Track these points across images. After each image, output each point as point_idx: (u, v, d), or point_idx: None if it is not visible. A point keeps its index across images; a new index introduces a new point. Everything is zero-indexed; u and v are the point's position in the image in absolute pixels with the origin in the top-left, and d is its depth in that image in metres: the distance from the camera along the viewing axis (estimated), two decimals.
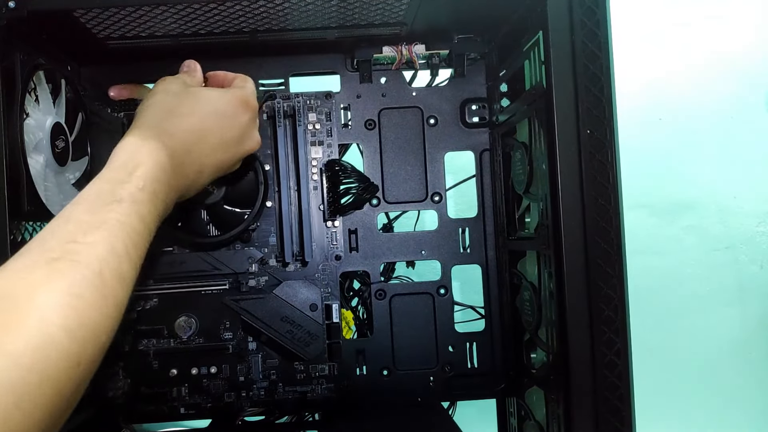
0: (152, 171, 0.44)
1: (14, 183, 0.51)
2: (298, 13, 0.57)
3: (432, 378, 0.69)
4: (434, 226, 0.70)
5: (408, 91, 0.69)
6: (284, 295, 0.67)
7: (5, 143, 0.50)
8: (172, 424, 0.71)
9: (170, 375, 0.67)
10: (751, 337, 1.00)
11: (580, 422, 0.50)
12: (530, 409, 0.64)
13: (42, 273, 0.34)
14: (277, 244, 0.68)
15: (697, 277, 1.00)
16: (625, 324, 0.50)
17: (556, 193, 0.51)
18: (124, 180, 0.42)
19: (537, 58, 0.54)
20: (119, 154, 0.45)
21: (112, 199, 0.40)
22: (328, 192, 0.68)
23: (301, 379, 0.68)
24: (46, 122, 0.56)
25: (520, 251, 0.65)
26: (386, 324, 0.69)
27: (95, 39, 0.59)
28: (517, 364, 0.67)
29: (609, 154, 0.50)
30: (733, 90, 1.00)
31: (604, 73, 0.50)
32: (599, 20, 0.50)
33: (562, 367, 0.52)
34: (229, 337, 0.67)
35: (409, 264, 0.71)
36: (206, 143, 0.51)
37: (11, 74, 0.51)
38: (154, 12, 0.53)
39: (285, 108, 0.67)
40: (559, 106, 0.51)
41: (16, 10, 0.50)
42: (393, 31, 0.63)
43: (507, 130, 0.66)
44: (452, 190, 0.71)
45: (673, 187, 1.00)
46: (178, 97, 0.51)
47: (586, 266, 0.50)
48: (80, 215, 0.39)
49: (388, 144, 0.69)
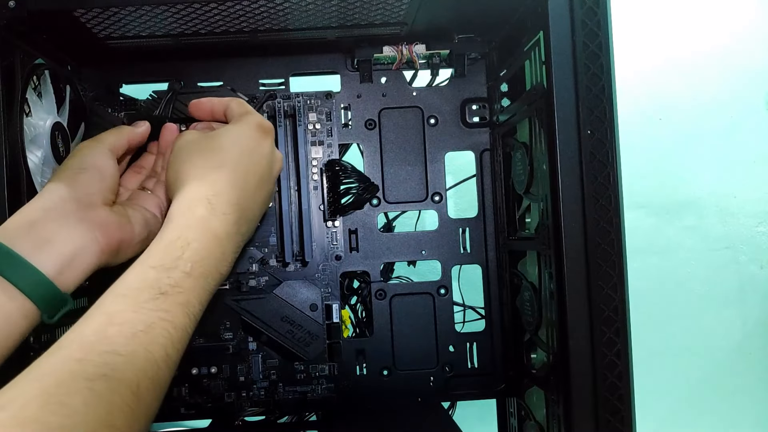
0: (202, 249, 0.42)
1: (14, 182, 0.51)
2: (299, 13, 0.57)
3: (432, 378, 0.69)
4: (434, 226, 0.70)
5: (408, 90, 0.69)
6: (284, 295, 0.67)
7: (5, 143, 0.50)
8: (172, 424, 0.71)
9: None
10: (751, 337, 1.00)
11: (580, 422, 0.50)
12: (530, 410, 0.64)
13: (80, 399, 0.32)
14: (277, 244, 0.67)
15: (697, 277, 1.00)
16: (626, 324, 0.50)
17: (556, 194, 0.51)
18: (170, 267, 0.40)
19: (537, 58, 0.54)
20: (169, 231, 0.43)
21: (157, 292, 0.39)
22: (328, 192, 0.68)
23: (301, 379, 0.68)
24: (47, 121, 0.56)
25: (521, 251, 0.65)
26: (386, 324, 0.69)
27: (95, 39, 0.59)
28: (517, 365, 0.67)
29: (609, 154, 0.50)
30: (733, 90, 1.00)
31: (605, 74, 0.50)
32: (600, 20, 0.50)
33: (562, 367, 0.52)
34: (229, 337, 0.67)
35: (409, 263, 0.71)
36: (249, 188, 0.49)
37: (11, 74, 0.51)
38: (154, 12, 0.53)
39: (285, 108, 0.67)
40: (560, 106, 0.51)
41: (16, 10, 0.50)
42: (393, 30, 0.63)
43: (507, 130, 0.66)
44: (452, 190, 0.71)
45: (673, 187, 1.00)
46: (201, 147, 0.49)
47: (587, 266, 0.50)
48: (124, 313, 0.37)
49: (388, 144, 0.69)
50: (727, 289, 1.00)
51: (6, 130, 0.50)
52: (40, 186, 0.55)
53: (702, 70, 0.99)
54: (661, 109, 1.00)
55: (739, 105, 1.00)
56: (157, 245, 0.42)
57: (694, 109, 0.99)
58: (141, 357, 0.35)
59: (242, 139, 0.51)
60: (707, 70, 0.99)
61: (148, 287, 0.39)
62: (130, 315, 0.37)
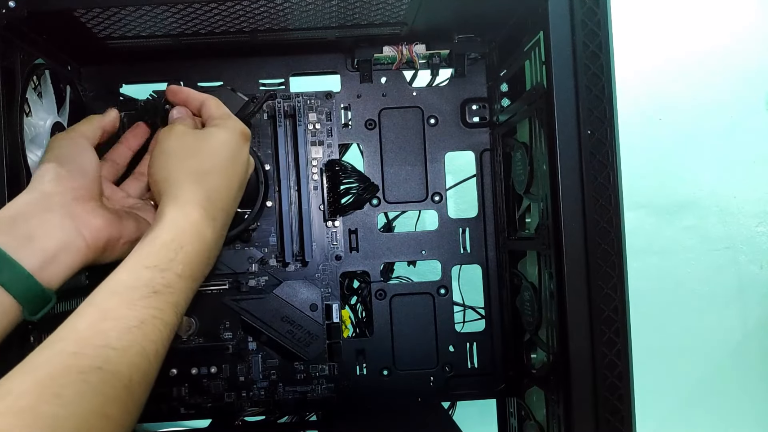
0: (194, 252, 0.44)
1: (14, 182, 0.51)
2: (299, 13, 0.57)
3: (432, 378, 0.69)
4: (434, 226, 0.70)
5: (408, 90, 0.69)
6: (284, 295, 0.67)
7: (5, 143, 0.50)
8: (172, 424, 0.71)
9: (170, 375, 0.67)
10: (751, 337, 1.00)
11: (580, 422, 0.50)
12: (530, 410, 0.64)
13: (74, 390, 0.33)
14: (278, 244, 0.67)
15: (696, 277, 1.00)
16: (626, 324, 0.50)
17: (556, 194, 0.51)
18: (164, 268, 0.41)
19: (538, 58, 0.54)
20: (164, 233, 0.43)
21: (150, 291, 0.40)
22: (328, 192, 0.68)
23: (301, 379, 0.68)
24: (47, 121, 0.56)
25: (521, 251, 0.65)
26: (386, 324, 0.69)
27: (95, 39, 0.59)
28: (517, 364, 0.67)
29: (609, 154, 0.50)
30: (733, 90, 1.00)
31: (605, 74, 0.50)
32: (600, 20, 0.50)
33: (563, 367, 0.52)
34: (229, 337, 0.67)
35: (409, 263, 0.71)
36: (232, 194, 0.51)
37: (11, 74, 0.51)
38: (154, 12, 0.53)
39: (285, 108, 0.67)
40: (560, 106, 0.51)
41: (16, 10, 0.50)
42: (393, 30, 0.63)
43: (507, 130, 0.66)
44: (452, 190, 0.71)
45: (673, 187, 1.00)
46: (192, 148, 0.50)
47: (587, 266, 0.50)
48: (118, 309, 0.38)
49: (388, 144, 0.69)
50: (727, 289, 1.00)
51: (6, 130, 0.50)
52: None
53: (702, 70, 0.99)
54: (661, 109, 1.00)
55: (739, 105, 1.00)
56: (151, 246, 0.43)
57: (694, 109, 0.99)
58: (134, 352, 0.36)
59: (230, 144, 0.51)
60: (707, 70, 0.99)
61: (142, 286, 0.40)
62: (124, 311, 0.38)
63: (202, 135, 0.52)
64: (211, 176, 0.49)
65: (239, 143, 0.52)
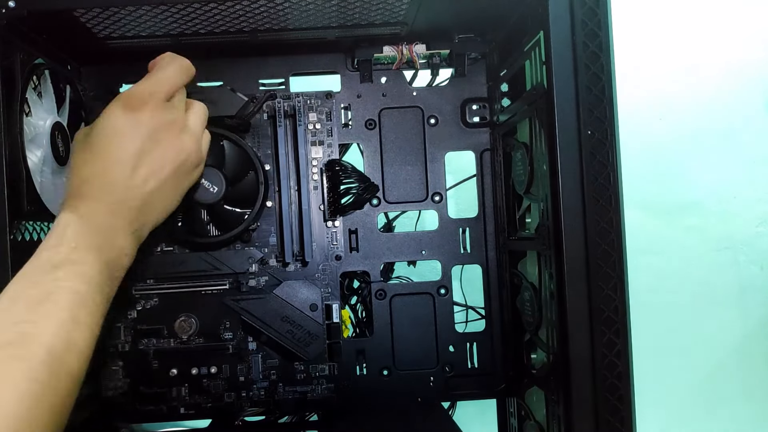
0: (80, 226, 0.46)
1: (14, 183, 0.51)
2: (299, 13, 0.57)
3: (432, 378, 0.69)
4: (434, 226, 0.70)
5: (408, 90, 0.69)
6: (284, 295, 0.67)
7: (5, 143, 0.50)
8: (172, 424, 0.71)
9: (170, 375, 0.67)
10: (751, 338, 1.00)
11: (580, 423, 0.50)
12: (530, 410, 0.64)
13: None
14: (277, 244, 0.67)
15: (697, 277, 1.00)
16: (626, 325, 0.50)
17: (556, 194, 0.51)
18: (56, 244, 0.44)
19: (538, 58, 0.54)
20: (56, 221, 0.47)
21: (50, 266, 0.43)
22: (328, 192, 0.68)
23: (301, 379, 0.68)
24: (47, 121, 0.56)
25: (521, 251, 0.65)
26: (386, 324, 0.69)
27: (95, 39, 0.59)
28: (517, 365, 0.67)
29: (610, 154, 0.50)
30: (733, 90, 0.99)
31: (605, 74, 0.50)
32: (600, 20, 0.50)
33: (563, 367, 0.52)
34: (229, 337, 0.67)
35: (409, 263, 0.71)
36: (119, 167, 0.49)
37: (11, 74, 0.51)
38: (154, 12, 0.53)
39: (285, 108, 0.67)
40: (560, 106, 0.51)
41: (16, 9, 0.50)
42: (393, 30, 0.63)
43: (507, 130, 0.66)
44: (452, 190, 0.71)
45: (674, 188, 1.00)
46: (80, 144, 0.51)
47: (587, 267, 0.50)
48: (25, 290, 0.42)
49: (388, 144, 0.69)
50: (728, 289, 1.00)
51: (6, 130, 0.50)
52: (39, 186, 0.55)
53: (702, 70, 0.99)
54: (661, 109, 1.00)
55: (739, 105, 1.00)
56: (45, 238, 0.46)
57: (694, 109, 0.99)
58: (49, 322, 0.40)
59: (107, 127, 0.49)
60: (707, 70, 0.99)
61: (42, 265, 0.43)
62: (32, 290, 0.42)
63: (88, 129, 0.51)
64: (89, 164, 0.49)
65: (116, 115, 0.49)
